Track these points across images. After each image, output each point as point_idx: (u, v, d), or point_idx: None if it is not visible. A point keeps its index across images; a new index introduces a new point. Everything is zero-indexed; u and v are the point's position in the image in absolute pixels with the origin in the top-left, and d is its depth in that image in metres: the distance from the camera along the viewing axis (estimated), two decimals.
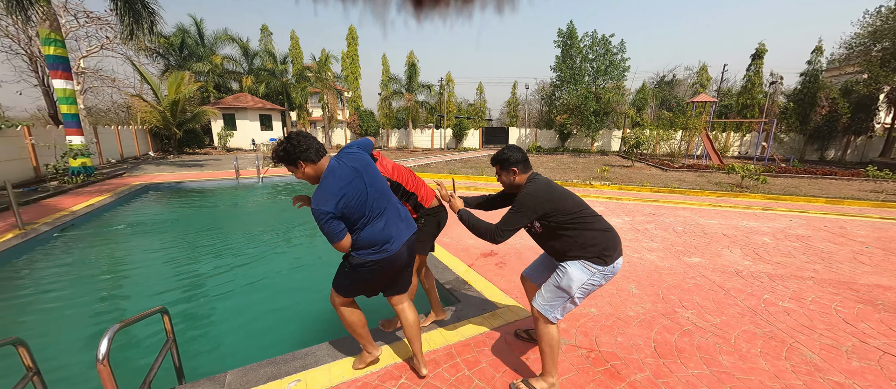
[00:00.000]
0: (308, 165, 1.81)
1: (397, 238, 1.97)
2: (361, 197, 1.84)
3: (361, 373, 2.31)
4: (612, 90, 21.07)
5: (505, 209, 2.21)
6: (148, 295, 3.89)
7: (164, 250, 5.33)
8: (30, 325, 3.34)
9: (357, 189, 1.82)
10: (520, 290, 3.48)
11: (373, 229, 1.90)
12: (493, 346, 2.59)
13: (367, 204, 1.86)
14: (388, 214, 1.98)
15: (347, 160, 1.90)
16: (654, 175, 12.52)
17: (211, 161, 16.52)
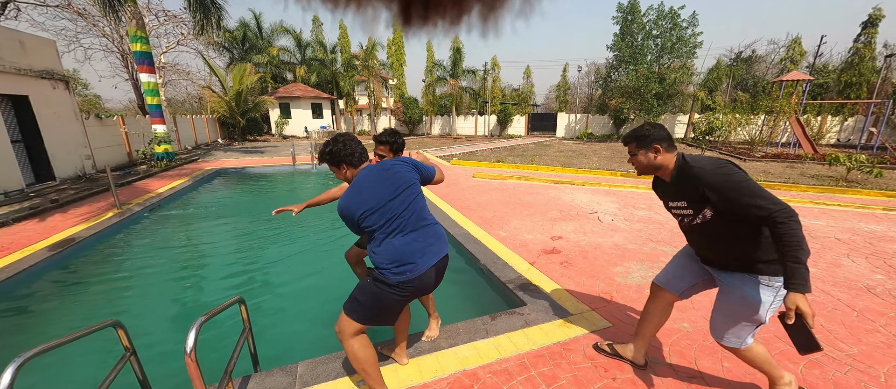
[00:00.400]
0: (349, 168, 1.88)
1: (422, 260, 1.75)
2: (383, 207, 1.74)
3: (432, 379, 2.18)
4: (679, 70, 18.87)
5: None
6: (220, 277, 4.14)
7: (234, 232, 5.69)
8: (123, 301, 3.68)
9: (379, 198, 1.74)
10: (591, 294, 3.15)
11: (393, 244, 1.73)
12: (571, 359, 2.33)
13: (386, 216, 1.74)
14: (416, 231, 1.79)
15: (382, 168, 1.85)
16: None
17: (270, 148, 17.65)
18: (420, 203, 1.86)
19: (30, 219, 5.54)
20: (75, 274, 4.08)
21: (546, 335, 2.59)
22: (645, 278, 3.46)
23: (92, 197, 7.10)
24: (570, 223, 5.20)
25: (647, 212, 5.79)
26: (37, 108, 8.00)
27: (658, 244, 4.34)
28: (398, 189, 1.79)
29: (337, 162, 1.88)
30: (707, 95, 19.05)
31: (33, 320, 3.28)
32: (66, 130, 8.82)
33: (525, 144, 19.05)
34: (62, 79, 8.80)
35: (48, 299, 3.60)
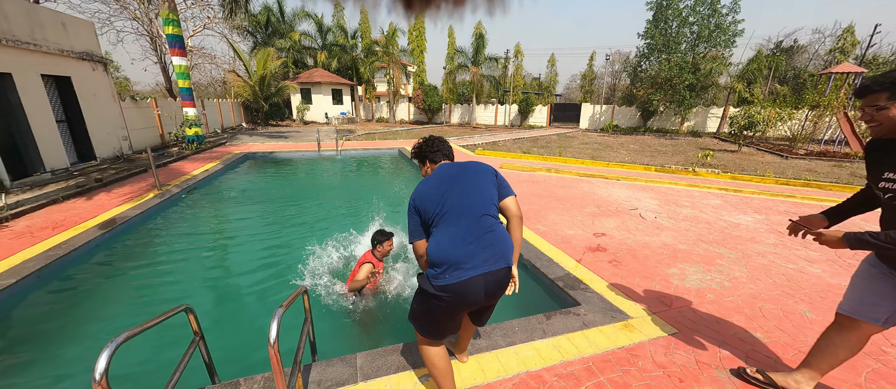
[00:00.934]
0: (432, 166, 1.91)
1: (469, 265, 1.52)
2: (439, 194, 1.63)
3: (494, 378, 2.11)
4: (716, 60, 17.82)
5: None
6: (263, 262, 4.17)
7: (273, 216, 5.75)
8: (171, 282, 3.76)
9: (439, 185, 1.67)
10: (647, 296, 3.00)
11: (439, 238, 1.57)
12: (640, 366, 2.21)
13: (439, 204, 1.62)
14: (470, 231, 1.57)
15: (458, 164, 1.81)
16: (771, 163, 10.47)
17: (293, 133, 17.84)
18: (483, 202, 1.64)
19: (78, 197, 5.74)
20: (124, 253, 4.20)
21: (608, 338, 2.47)
22: (703, 281, 3.28)
23: (132, 177, 7.31)
24: (611, 220, 5.00)
25: (692, 210, 5.52)
26: (78, 89, 8.24)
27: (711, 246, 4.11)
28: (463, 179, 1.67)
29: (422, 158, 1.95)
30: (745, 88, 17.98)
31: (89, 297, 3.39)
32: (105, 112, 9.08)
33: (548, 136, 18.60)
34: (101, 61, 9.02)
35: (103, 275, 3.71)
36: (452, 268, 1.52)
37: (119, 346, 1.35)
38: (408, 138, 16.08)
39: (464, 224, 1.58)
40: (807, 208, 5.75)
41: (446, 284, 1.52)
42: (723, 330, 2.56)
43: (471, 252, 1.54)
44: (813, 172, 9.14)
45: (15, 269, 3.34)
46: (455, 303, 1.57)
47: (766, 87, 20.48)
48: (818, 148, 13.80)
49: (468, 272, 1.51)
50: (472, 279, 1.52)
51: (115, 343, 1.35)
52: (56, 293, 3.35)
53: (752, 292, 3.09)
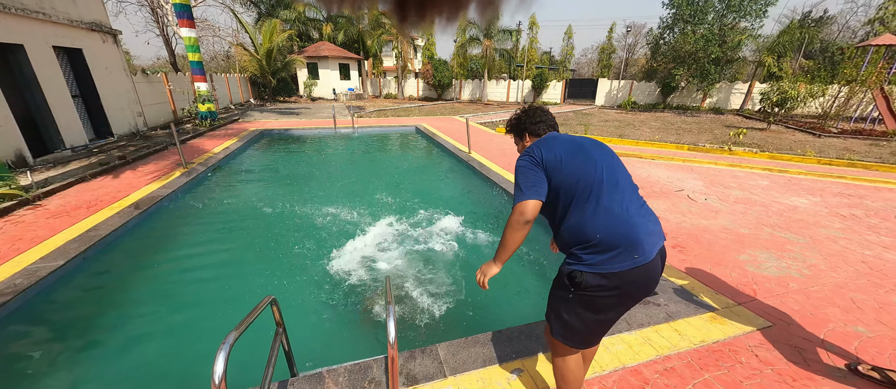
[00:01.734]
0: (533, 138, 1.58)
1: (646, 238, 1.22)
2: (582, 155, 1.31)
3: (592, 375, 1.98)
4: (745, 32, 16.89)
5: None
6: (312, 241, 4.04)
7: (311, 194, 5.59)
8: (215, 263, 3.65)
9: (573, 148, 1.34)
10: (725, 285, 2.83)
11: (599, 210, 1.23)
12: (744, 362, 2.06)
13: (588, 168, 1.28)
14: (633, 200, 1.28)
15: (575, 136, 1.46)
16: (805, 142, 10.07)
17: (303, 109, 17.44)
18: (628, 175, 1.37)
19: (105, 175, 5.60)
20: (163, 233, 4.09)
21: (699, 331, 2.32)
22: (780, 269, 3.10)
23: (153, 155, 7.14)
24: (659, 201, 4.79)
25: (741, 192, 5.27)
26: (91, 62, 7.93)
27: (774, 230, 3.91)
28: (600, 149, 1.38)
29: (521, 132, 1.62)
30: (774, 62, 17.12)
31: (133, 279, 3.29)
32: (119, 86, 8.79)
33: (564, 113, 18.07)
34: (110, 32, 8.63)
35: (144, 257, 3.61)
36: (633, 246, 1.20)
37: (231, 347, 1.21)
38: (421, 115, 15.67)
39: (628, 195, 1.28)
40: (861, 190, 5.48)
41: (624, 269, 1.19)
42: (820, 324, 2.40)
43: (649, 229, 1.26)
44: (850, 151, 8.77)
45: (61, 250, 3.23)
46: (632, 292, 1.26)
47: (796, 61, 19.52)
48: (849, 126, 13.26)
49: (649, 249, 1.22)
50: (654, 258, 1.23)
51: (227, 343, 1.22)
52: (102, 275, 3.26)
53: (836, 281, 2.92)
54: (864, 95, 13.59)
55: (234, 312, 2.87)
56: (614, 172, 1.32)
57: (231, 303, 3.00)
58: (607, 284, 1.21)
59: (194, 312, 2.89)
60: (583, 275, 1.23)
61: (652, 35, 20.28)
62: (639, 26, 36.63)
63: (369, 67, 29.53)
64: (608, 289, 1.23)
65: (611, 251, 1.21)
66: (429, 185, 6.44)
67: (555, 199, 1.33)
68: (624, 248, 1.20)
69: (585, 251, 1.24)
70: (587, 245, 1.24)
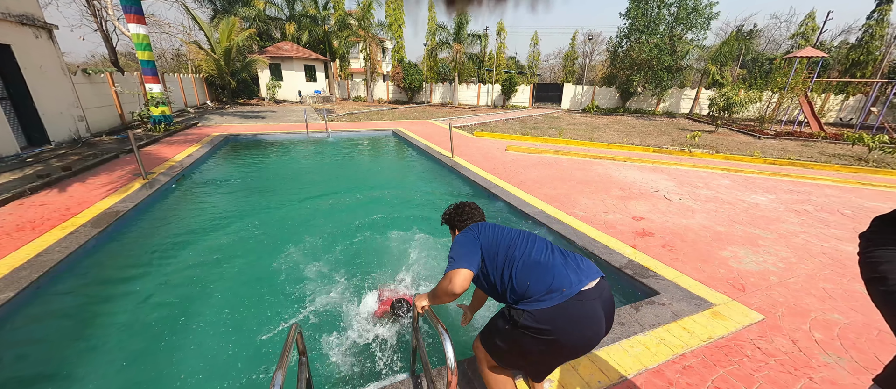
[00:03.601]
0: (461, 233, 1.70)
1: (572, 275, 1.36)
2: (510, 235, 1.57)
3: (618, 380, 2.02)
4: (692, 43, 18.48)
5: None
6: (278, 255, 3.79)
7: (287, 204, 5.25)
8: (197, 285, 3.32)
9: (504, 230, 1.62)
10: (716, 281, 3.04)
11: (531, 264, 1.43)
12: (751, 356, 2.21)
13: (516, 240, 1.54)
14: (551, 251, 1.50)
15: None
16: (748, 143, 11.17)
17: (268, 113, 16.54)
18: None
19: (48, 189, 4.90)
20: (125, 255, 3.65)
21: (704, 328, 2.46)
22: (759, 263, 3.38)
23: (102, 164, 6.39)
24: (640, 203, 5.06)
25: (709, 191, 5.72)
26: (21, 60, 6.95)
27: (745, 227, 4.27)
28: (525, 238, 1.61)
29: (453, 226, 1.88)
30: (718, 70, 18.90)
31: (96, 309, 2.89)
32: (55, 88, 7.79)
33: (534, 116, 18.65)
34: (45, 27, 7.64)
35: (107, 282, 3.19)
36: (557, 288, 1.34)
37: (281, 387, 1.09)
38: (395, 119, 15.45)
39: (552, 250, 1.50)
40: (805, 187, 6.16)
41: (554, 305, 1.33)
42: (803, 314, 2.65)
43: (577, 267, 1.41)
44: (788, 151, 9.84)
45: (8, 278, 2.76)
46: (558, 344, 1.39)
47: (735, 70, 21.67)
48: (781, 128, 14.91)
49: (574, 288, 1.33)
50: (585, 295, 1.35)
51: (277, 384, 1.09)
52: (60, 306, 2.83)
53: (807, 272, 3.23)
54: (791, 101, 15.37)
55: (223, 341, 2.62)
56: (535, 239, 1.54)
57: (220, 330, 2.73)
58: (538, 325, 1.30)
59: (170, 341, 2.59)
60: (521, 314, 1.34)
61: (611, 43, 21.55)
62: (596, 34, 38.86)
63: (336, 69, 28.67)
64: (538, 332, 1.31)
65: (541, 293, 1.32)
66: (419, 190, 6.34)
67: (492, 270, 1.48)
68: (552, 288, 1.32)
69: (523, 300, 1.36)
70: (523, 296, 1.36)
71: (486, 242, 1.53)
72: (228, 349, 2.55)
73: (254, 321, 2.85)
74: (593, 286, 1.34)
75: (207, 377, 2.32)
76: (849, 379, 2.04)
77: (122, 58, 26.66)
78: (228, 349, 2.55)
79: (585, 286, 1.32)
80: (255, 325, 2.80)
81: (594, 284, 1.35)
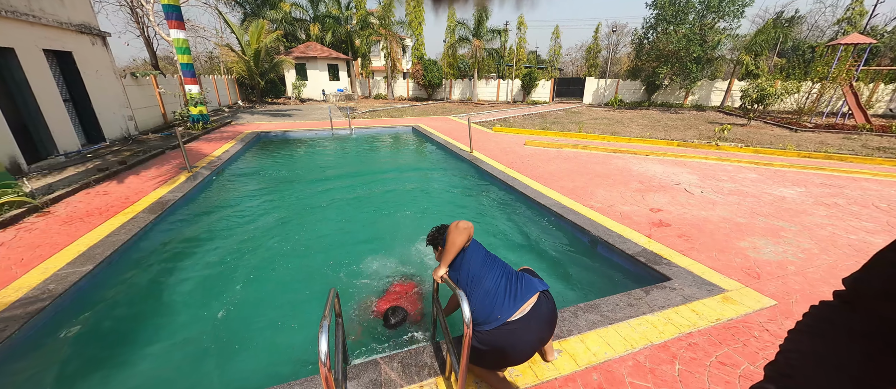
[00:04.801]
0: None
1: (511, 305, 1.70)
2: (476, 254, 1.91)
3: (625, 351, 2.16)
4: (723, 31, 17.65)
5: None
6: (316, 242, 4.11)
7: (322, 193, 5.63)
8: (238, 263, 3.69)
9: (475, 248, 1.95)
10: (731, 269, 3.07)
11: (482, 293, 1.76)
12: (757, 336, 2.28)
13: (476, 263, 1.86)
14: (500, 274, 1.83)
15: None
16: (783, 136, 10.65)
17: (294, 111, 17.26)
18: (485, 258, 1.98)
19: (108, 180, 5.50)
20: (182, 236, 4.09)
21: (714, 311, 2.54)
22: (778, 254, 3.37)
23: (152, 159, 7.02)
24: (659, 195, 5.06)
25: (733, 184, 5.61)
26: (81, 65, 7.71)
27: (768, 219, 4.21)
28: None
29: (436, 244, 2.19)
30: (752, 60, 17.95)
31: (159, 283, 3.30)
32: (109, 90, 8.57)
33: (554, 112, 18.44)
34: (100, 34, 8.41)
35: (168, 259, 3.61)
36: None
37: (328, 330, 1.33)
38: (415, 116, 15.75)
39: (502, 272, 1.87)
40: (840, 180, 5.90)
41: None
42: (818, 300, 2.66)
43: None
44: (826, 144, 9.33)
45: (86, 255, 3.22)
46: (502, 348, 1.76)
47: (771, 60, 20.49)
48: (822, 121, 14.05)
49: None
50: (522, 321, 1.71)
51: (325, 328, 1.34)
52: (129, 280, 3.26)
53: (828, 262, 3.20)
54: (834, 91, 14.43)
55: (272, 305, 2.96)
56: (494, 264, 1.85)
57: (266, 297, 3.07)
58: (483, 346, 1.69)
59: (228, 308, 2.94)
60: (476, 335, 1.70)
61: (636, 35, 20.91)
62: (621, 26, 37.64)
63: (358, 68, 29.34)
64: (488, 348, 1.68)
65: (483, 319, 1.69)
66: (438, 183, 6.56)
67: (464, 278, 1.82)
68: (489, 318, 1.68)
69: (475, 325, 1.70)
70: (475, 321, 1.70)
71: (471, 251, 1.89)
72: (270, 307, 2.90)
73: (293, 285, 3.21)
74: (529, 309, 1.67)
75: (259, 328, 2.66)
76: None
77: (160, 62, 28.48)
78: (270, 307, 2.90)
79: (516, 313, 1.65)
80: (294, 290, 3.15)
81: (531, 304, 1.68)
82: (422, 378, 1.97)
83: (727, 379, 1.96)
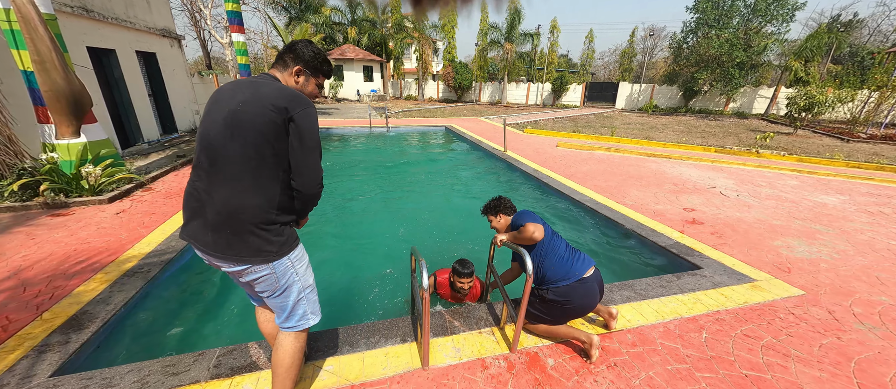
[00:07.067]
0: (503, 217, 2.37)
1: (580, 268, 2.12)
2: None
3: (655, 321, 2.45)
4: (772, 36, 16.88)
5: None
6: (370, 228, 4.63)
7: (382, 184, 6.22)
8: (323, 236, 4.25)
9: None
10: (762, 263, 3.26)
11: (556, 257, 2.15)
12: (781, 318, 2.51)
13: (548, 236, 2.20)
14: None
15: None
16: (832, 146, 10.19)
17: (332, 110, 18.26)
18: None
19: (186, 166, 6.32)
20: None
21: (742, 295, 2.77)
22: (811, 253, 3.50)
23: None
24: (694, 197, 5.19)
25: (771, 190, 5.62)
26: (162, 65, 8.77)
27: (805, 222, 4.28)
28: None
29: (495, 212, 2.39)
30: (802, 66, 17.06)
31: None
32: (182, 87, 9.65)
33: (585, 116, 18.36)
34: (177, 38, 9.49)
35: None
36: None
37: (434, 273, 1.76)
38: (446, 116, 16.25)
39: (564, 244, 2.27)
40: (890, 190, 5.75)
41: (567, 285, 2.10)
42: (848, 293, 2.82)
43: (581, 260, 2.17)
44: (880, 155, 8.90)
45: None
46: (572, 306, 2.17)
47: (824, 66, 19.31)
48: (879, 132, 13.19)
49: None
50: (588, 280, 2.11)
51: (423, 265, 1.76)
52: None
53: (863, 263, 3.31)
54: (894, 100, 13.50)
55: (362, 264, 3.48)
56: (557, 236, 2.21)
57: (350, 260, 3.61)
58: (557, 298, 2.07)
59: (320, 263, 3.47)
60: (546, 291, 2.10)
61: (675, 39, 20.37)
62: (658, 30, 36.50)
63: (390, 70, 30.36)
64: (557, 301, 2.07)
65: (559, 278, 2.07)
66: (475, 178, 6.97)
67: (538, 249, 2.15)
68: (567, 275, 2.07)
69: (545, 283, 2.12)
70: (546, 280, 2.10)
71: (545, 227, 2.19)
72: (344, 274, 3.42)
73: (378, 247, 3.74)
74: (590, 273, 2.07)
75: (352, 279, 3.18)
76: (878, 343, 2.28)
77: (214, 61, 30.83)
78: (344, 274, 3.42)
79: (587, 272, 2.06)
80: (378, 251, 3.67)
81: (591, 271, 2.07)
82: (479, 327, 2.37)
83: (750, 347, 2.22)
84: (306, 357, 2.01)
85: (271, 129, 1.25)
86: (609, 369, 2.03)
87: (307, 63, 1.46)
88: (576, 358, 2.10)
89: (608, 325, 2.35)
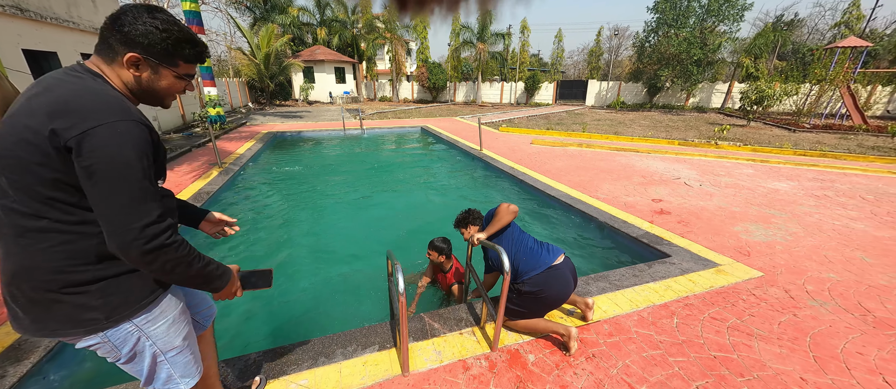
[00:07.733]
0: (473, 228, 2.47)
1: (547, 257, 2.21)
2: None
3: (630, 310, 2.53)
4: (724, 35, 18.04)
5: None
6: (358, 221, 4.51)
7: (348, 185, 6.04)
8: (281, 244, 4.07)
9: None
10: (724, 248, 3.44)
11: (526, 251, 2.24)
12: (744, 299, 2.65)
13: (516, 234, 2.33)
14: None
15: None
16: (781, 137, 11.00)
17: (304, 113, 17.72)
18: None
19: None
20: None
21: (708, 280, 2.91)
22: (767, 236, 3.73)
23: (181, 156, 7.44)
24: (660, 188, 5.42)
25: (730, 179, 5.97)
26: None
27: (761, 208, 4.57)
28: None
29: (465, 224, 2.50)
30: (752, 63, 18.33)
31: None
32: None
33: (557, 113, 18.84)
34: None
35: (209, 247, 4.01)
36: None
37: (401, 273, 1.71)
38: (421, 117, 16.18)
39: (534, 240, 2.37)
40: (832, 175, 6.26)
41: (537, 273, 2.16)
42: (801, 272, 3.03)
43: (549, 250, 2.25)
44: (822, 143, 9.69)
45: None
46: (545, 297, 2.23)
47: (771, 62, 20.86)
48: (820, 122, 14.38)
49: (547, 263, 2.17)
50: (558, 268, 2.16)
51: (398, 268, 1.71)
52: None
53: (813, 243, 3.57)
54: (832, 93, 14.77)
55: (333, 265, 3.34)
56: (523, 232, 2.32)
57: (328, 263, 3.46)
58: (531, 289, 2.11)
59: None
60: (522, 285, 2.13)
61: (638, 38, 21.33)
62: (623, 29, 38.15)
63: (363, 71, 29.86)
64: (533, 291, 2.11)
65: (530, 269, 2.12)
66: (452, 177, 6.96)
67: (508, 247, 2.21)
68: (536, 265, 2.12)
69: (520, 277, 2.14)
70: (520, 274, 2.14)
71: (511, 224, 2.31)
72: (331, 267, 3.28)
73: (351, 253, 3.59)
74: (561, 261, 2.13)
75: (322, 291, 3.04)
76: (829, 317, 2.45)
77: None
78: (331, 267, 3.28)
79: (555, 261, 2.12)
80: (352, 257, 3.53)
81: (560, 259, 2.14)
82: (460, 327, 2.34)
83: (717, 329, 2.33)
84: (279, 372, 1.91)
85: (37, 160, 0.83)
86: (588, 360, 2.06)
87: (148, 48, 0.93)
88: (556, 352, 2.12)
89: (585, 316, 2.39)
